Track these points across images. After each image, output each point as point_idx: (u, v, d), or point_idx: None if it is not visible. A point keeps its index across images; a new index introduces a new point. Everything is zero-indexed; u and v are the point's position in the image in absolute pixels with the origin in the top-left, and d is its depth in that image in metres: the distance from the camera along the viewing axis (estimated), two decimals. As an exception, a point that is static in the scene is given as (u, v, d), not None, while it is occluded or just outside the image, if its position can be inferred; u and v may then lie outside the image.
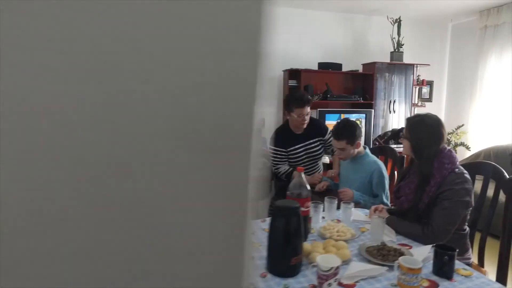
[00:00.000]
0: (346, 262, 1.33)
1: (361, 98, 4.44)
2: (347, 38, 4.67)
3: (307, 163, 2.66)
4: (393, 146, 3.82)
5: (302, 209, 1.51)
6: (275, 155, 2.62)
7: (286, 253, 1.25)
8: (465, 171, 1.63)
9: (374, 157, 2.29)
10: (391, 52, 4.56)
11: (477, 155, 4.28)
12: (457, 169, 1.61)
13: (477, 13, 4.52)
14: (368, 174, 2.22)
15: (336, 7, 4.38)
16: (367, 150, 2.33)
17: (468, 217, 1.71)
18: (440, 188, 1.59)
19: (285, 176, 2.63)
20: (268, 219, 1.65)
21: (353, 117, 4.23)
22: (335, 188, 2.47)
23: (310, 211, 1.68)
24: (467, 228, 1.73)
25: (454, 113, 5.12)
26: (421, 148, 1.66)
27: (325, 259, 1.17)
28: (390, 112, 4.63)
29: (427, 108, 5.07)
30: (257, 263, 1.34)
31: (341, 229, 1.61)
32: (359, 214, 1.89)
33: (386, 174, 2.22)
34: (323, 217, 1.86)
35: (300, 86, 4.18)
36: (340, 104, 4.43)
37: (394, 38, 4.51)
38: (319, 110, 4.02)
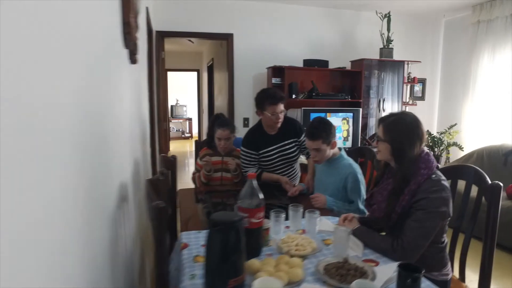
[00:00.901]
0: (297, 284, 1.14)
1: (349, 97, 4.25)
2: (334, 34, 4.48)
3: (282, 166, 2.47)
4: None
5: (253, 220, 1.33)
6: (244, 157, 2.44)
7: (222, 274, 1.07)
8: (443, 177, 1.44)
9: (349, 160, 2.10)
10: (381, 49, 4.37)
11: (469, 155, 4.09)
12: (434, 175, 1.42)
13: (470, 8, 4.33)
14: (342, 179, 2.04)
15: (323, 1, 4.19)
16: (343, 152, 2.14)
17: (447, 228, 1.52)
18: (415, 196, 1.41)
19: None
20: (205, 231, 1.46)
21: (339, 116, 4.05)
22: (310, 193, 2.29)
23: (269, 221, 1.50)
24: (446, 240, 1.54)
25: (447, 111, 4.93)
26: (402, 150, 1.46)
27: (264, 284, 0.98)
28: (380, 111, 4.44)
29: (420, 107, 4.89)
30: (196, 283, 1.16)
31: (301, 242, 1.42)
32: (327, 223, 1.70)
33: (361, 178, 2.03)
34: (287, 227, 1.67)
35: (284, 84, 4.00)
36: (327, 102, 4.25)
37: (384, 34, 4.32)
38: (303, 109, 3.84)
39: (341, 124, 4.05)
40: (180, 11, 4.00)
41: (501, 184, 1.52)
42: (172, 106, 11.10)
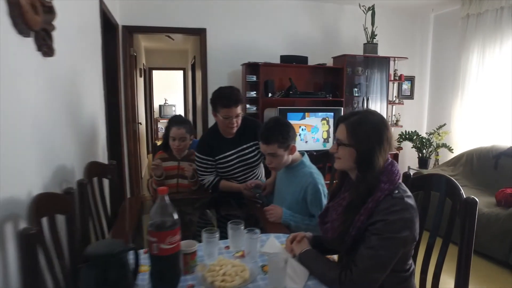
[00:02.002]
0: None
1: (330, 95, 3.99)
2: (314, 29, 4.22)
3: (242, 173, 2.21)
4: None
5: (164, 246, 1.06)
6: (200, 164, 2.17)
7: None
8: (407, 193, 1.17)
9: (311, 168, 1.83)
10: (364, 44, 4.11)
11: (458, 158, 3.84)
12: (396, 191, 1.15)
13: (459, 0, 4.07)
14: (301, 189, 1.77)
15: (302, -6, 3.93)
16: (305, 158, 1.87)
17: (412, 252, 1.25)
18: (371, 217, 1.13)
19: (212, 188, 2.18)
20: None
21: (319, 116, 3.78)
22: (269, 202, 2.03)
23: (196, 244, 1.23)
24: (412, 267, 1.27)
25: (437, 111, 4.68)
26: (370, 157, 1.17)
27: None
28: (364, 110, 4.17)
29: (408, 106, 4.65)
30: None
31: (230, 270, 1.16)
32: (274, 244, 1.43)
33: (324, 189, 1.76)
34: (228, 247, 1.41)
35: (259, 82, 3.73)
36: (306, 102, 3.99)
37: (367, 28, 4.06)
38: (279, 109, 3.57)
39: (320, 124, 3.79)
40: (150, 5, 3.74)
41: (477, 199, 1.25)
42: (160, 106, 10.85)
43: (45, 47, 1.44)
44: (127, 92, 3.83)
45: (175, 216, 1.09)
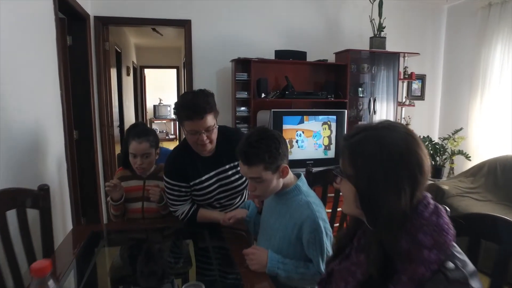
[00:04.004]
0: None
1: (332, 96, 3.52)
2: (314, 21, 3.73)
3: (225, 199, 1.73)
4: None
5: None
6: (170, 192, 1.68)
7: None
8: (468, 264, 0.70)
9: (309, 195, 1.36)
10: (371, 38, 3.64)
11: (479, 167, 3.35)
12: (449, 265, 0.68)
13: (479, -12, 3.60)
14: (295, 225, 1.30)
15: (300, -20, 3.46)
16: (301, 181, 1.40)
17: None
18: None
19: (188, 220, 1.70)
20: None
21: (320, 119, 3.31)
22: (253, 233, 1.57)
23: None
24: None
25: (451, 114, 4.19)
26: (376, 199, 0.74)
27: None
28: (370, 112, 3.71)
29: (418, 108, 4.16)
30: None
31: None
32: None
33: (326, 225, 1.29)
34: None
35: (251, 81, 3.26)
36: (304, 103, 3.52)
37: (374, 19, 3.58)
38: (273, 111, 3.10)
39: (321, 129, 3.31)
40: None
41: None
42: (154, 106, 10.44)
43: None
44: (101, 92, 3.37)
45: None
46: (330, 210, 1.76)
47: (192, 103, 1.48)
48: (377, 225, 0.74)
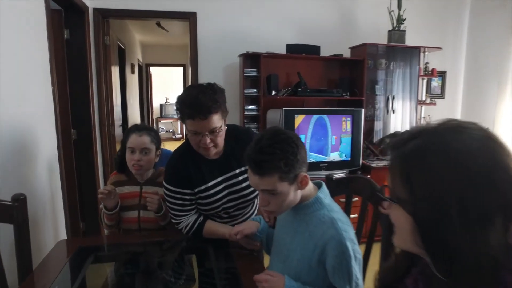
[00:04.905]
0: None
1: (347, 94, 3.28)
2: (328, 12, 3.49)
3: (234, 208, 1.51)
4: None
5: None
6: (172, 201, 1.45)
7: None
8: None
9: (332, 209, 1.12)
10: (389, 31, 3.38)
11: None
12: None
13: (508, -24, 3.32)
14: (316, 245, 1.07)
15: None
16: (321, 192, 1.16)
17: None
18: None
19: (193, 234, 1.47)
20: None
21: (336, 119, 3.07)
22: (266, 252, 1.34)
23: None
24: None
25: (475, 113, 3.91)
26: (447, 238, 0.51)
27: None
28: (388, 112, 3.45)
29: (438, 107, 3.88)
30: None
31: None
32: None
33: (355, 248, 1.06)
34: None
35: (260, 77, 3.05)
36: (318, 101, 3.29)
37: (393, 11, 3.32)
38: (284, 110, 2.87)
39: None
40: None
41: None
42: (161, 105, 10.31)
43: None
44: (101, 89, 3.17)
45: None
46: (355, 216, 1.52)
47: (195, 100, 1.26)
48: (453, 276, 0.50)
